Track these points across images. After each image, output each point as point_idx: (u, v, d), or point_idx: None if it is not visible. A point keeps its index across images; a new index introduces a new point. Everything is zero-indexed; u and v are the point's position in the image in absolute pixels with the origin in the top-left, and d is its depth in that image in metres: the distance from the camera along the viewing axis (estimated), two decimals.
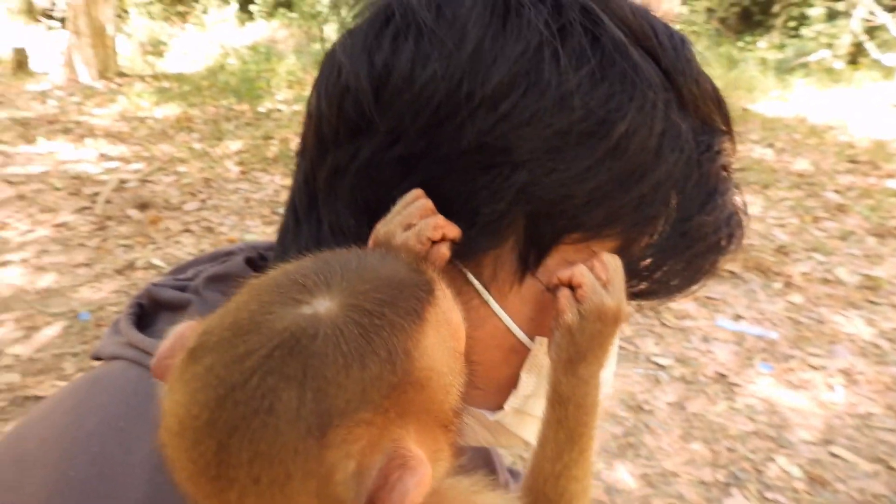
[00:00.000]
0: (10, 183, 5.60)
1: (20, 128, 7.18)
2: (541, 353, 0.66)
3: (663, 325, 3.81)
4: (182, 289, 0.72)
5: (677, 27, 0.67)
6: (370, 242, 0.58)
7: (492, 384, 0.66)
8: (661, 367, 3.43)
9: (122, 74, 9.73)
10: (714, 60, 9.71)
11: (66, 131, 7.14)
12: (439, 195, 0.58)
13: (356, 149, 0.61)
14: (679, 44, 0.64)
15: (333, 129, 0.63)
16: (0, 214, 4.98)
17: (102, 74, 9.33)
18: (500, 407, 0.68)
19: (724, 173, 0.67)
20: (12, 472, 0.59)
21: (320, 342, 0.38)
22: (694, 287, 0.70)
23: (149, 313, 0.71)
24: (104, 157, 6.37)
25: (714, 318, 3.90)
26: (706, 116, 0.66)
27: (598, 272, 0.59)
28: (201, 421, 0.37)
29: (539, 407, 0.66)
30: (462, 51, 0.57)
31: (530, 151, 0.57)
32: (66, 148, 6.59)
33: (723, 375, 3.38)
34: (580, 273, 0.59)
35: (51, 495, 0.56)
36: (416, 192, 0.58)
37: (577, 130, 0.57)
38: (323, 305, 0.40)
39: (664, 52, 0.62)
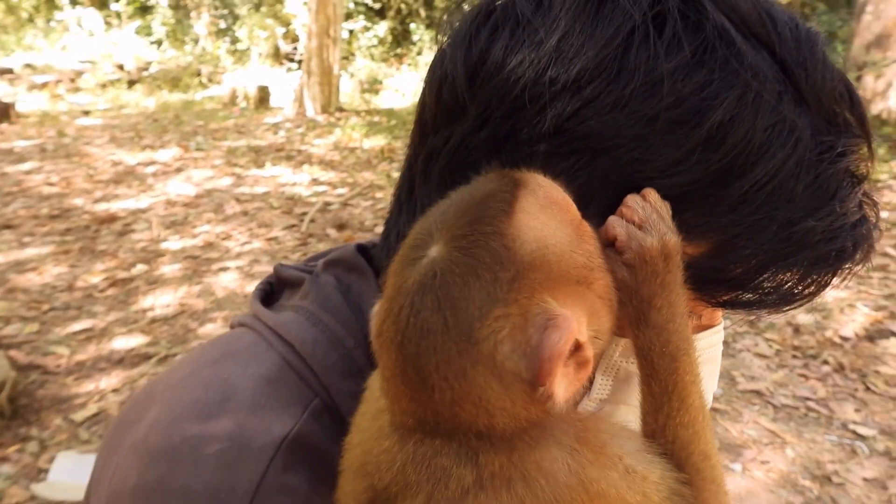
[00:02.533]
0: (239, 201, 6.46)
1: (253, 154, 8.27)
2: (616, 355, 0.64)
3: (868, 390, 3.30)
4: (308, 271, 0.80)
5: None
6: None
7: None
8: (861, 437, 2.97)
9: (341, 109, 10.79)
10: None
11: (289, 158, 8.08)
12: None
13: (450, 133, 0.63)
14: (804, 36, 0.60)
15: (432, 115, 0.66)
16: (227, 227, 5.75)
17: (325, 109, 10.44)
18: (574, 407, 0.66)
19: (849, 178, 0.61)
20: (141, 401, 0.70)
21: (440, 276, 0.49)
22: (808, 300, 0.64)
23: (276, 290, 0.81)
24: (315, 181, 7.11)
25: None
26: (831, 114, 0.60)
27: (630, 216, 0.56)
28: (396, 361, 0.51)
29: (615, 415, 0.64)
30: (551, 37, 0.58)
31: (613, 138, 0.56)
32: (286, 172, 7.46)
33: None
34: (611, 225, 0.57)
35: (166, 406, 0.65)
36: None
37: (666, 118, 0.55)
38: (433, 251, 0.50)
39: (782, 42, 0.58)
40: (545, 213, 0.52)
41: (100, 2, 15.78)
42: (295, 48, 14.13)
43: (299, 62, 12.16)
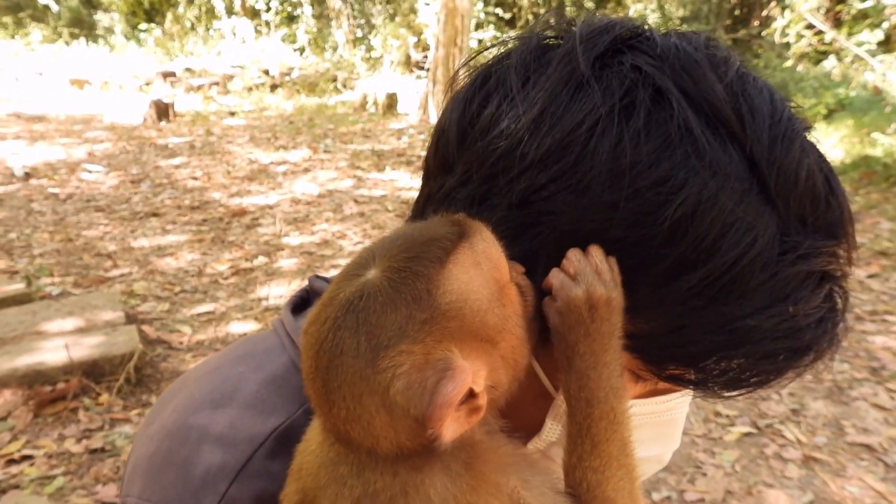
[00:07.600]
0: (357, 202, 6.79)
1: (376, 158, 8.65)
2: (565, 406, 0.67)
3: None
4: None
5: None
6: None
7: (520, 421, 0.69)
8: None
9: None
10: None
11: (409, 163, 8.36)
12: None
13: (442, 182, 0.70)
14: (783, 131, 0.60)
15: (432, 162, 0.73)
16: (343, 226, 6.07)
17: None
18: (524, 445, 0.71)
19: (813, 279, 0.61)
20: (177, 386, 0.82)
21: (365, 300, 0.54)
22: (759, 388, 0.65)
23: (310, 299, 0.89)
24: None
25: None
26: (802, 214, 0.60)
27: (567, 268, 0.60)
28: (311, 367, 0.56)
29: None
30: (528, 114, 0.62)
31: (576, 220, 0.60)
32: (404, 177, 7.74)
33: None
34: (551, 275, 0.61)
35: (186, 398, 0.76)
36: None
37: (626, 208, 0.58)
38: (370, 274, 0.55)
39: (755, 138, 0.59)
40: (476, 268, 0.56)
41: (252, 11, 17.10)
42: (425, 56, 14.56)
43: (428, 70, 12.52)
